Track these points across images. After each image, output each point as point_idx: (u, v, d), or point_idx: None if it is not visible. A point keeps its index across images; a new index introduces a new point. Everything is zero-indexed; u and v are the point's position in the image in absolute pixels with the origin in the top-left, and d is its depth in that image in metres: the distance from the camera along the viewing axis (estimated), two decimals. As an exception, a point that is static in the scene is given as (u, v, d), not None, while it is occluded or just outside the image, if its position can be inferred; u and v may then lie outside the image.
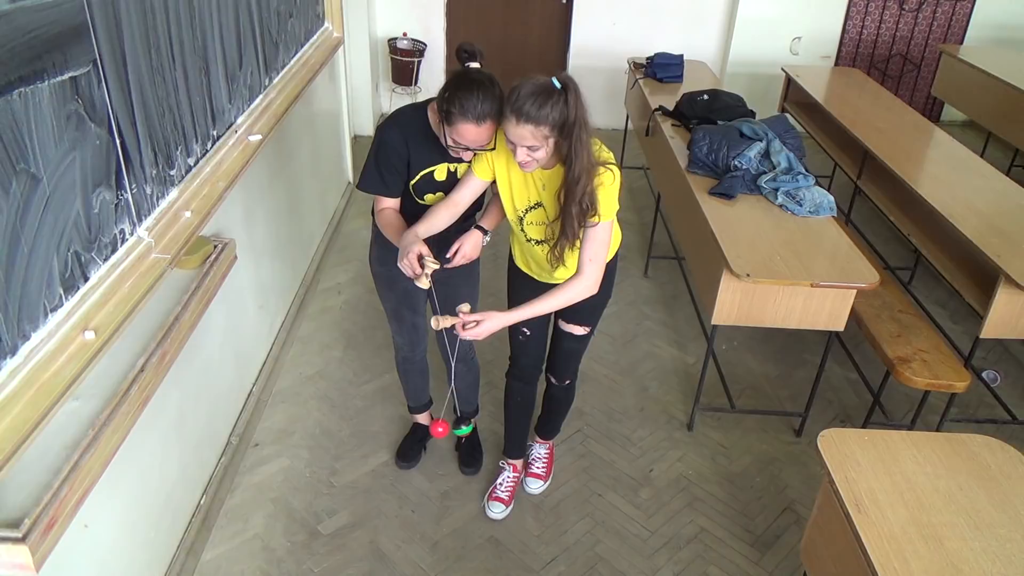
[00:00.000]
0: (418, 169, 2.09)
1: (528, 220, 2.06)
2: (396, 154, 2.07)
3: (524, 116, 1.75)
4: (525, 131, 1.77)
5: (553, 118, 1.76)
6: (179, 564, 2.26)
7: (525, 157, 1.83)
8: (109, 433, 1.62)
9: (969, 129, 5.93)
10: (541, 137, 1.79)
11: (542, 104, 1.74)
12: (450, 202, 2.08)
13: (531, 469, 2.70)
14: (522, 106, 1.75)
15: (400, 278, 2.30)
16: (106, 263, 1.65)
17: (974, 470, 1.75)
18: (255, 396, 2.92)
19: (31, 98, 1.37)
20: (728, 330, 3.50)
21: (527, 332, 2.38)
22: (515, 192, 2.04)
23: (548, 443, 2.74)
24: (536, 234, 2.09)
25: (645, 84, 4.38)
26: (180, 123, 2.01)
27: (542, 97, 1.75)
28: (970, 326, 3.62)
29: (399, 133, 2.07)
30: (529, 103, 1.74)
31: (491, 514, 2.59)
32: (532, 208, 2.04)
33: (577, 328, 2.31)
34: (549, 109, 1.75)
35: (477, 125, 1.85)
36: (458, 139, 1.90)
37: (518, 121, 1.76)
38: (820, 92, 4.46)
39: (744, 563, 2.46)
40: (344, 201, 4.52)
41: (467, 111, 1.84)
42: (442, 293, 2.36)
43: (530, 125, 1.76)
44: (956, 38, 5.79)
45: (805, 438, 2.97)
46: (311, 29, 3.53)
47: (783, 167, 3.02)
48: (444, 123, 1.91)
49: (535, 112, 1.75)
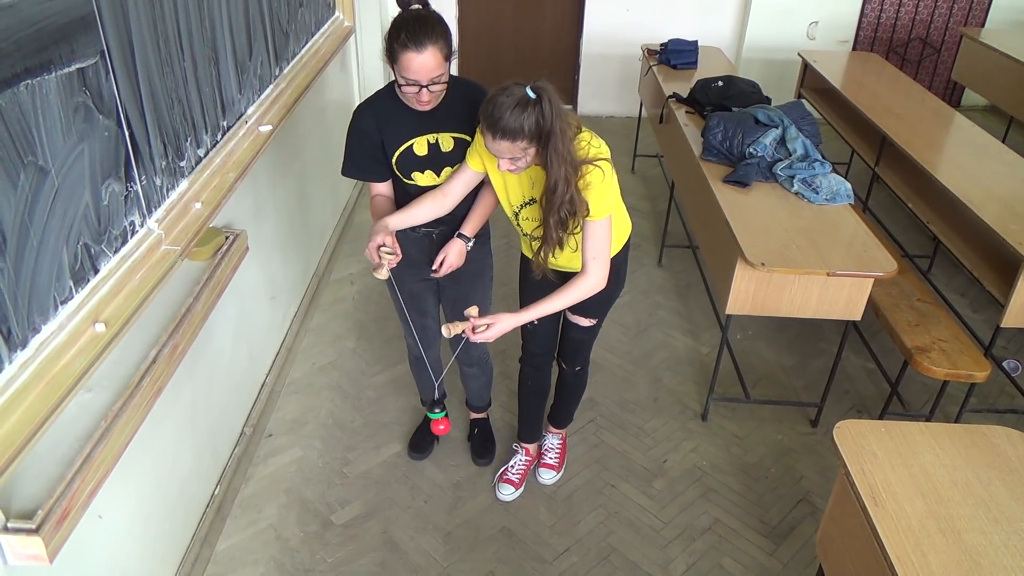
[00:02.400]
0: (394, 146, 2.05)
1: (523, 216, 2.07)
2: (366, 136, 2.05)
3: (500, 131, 1.74)
4: (503, 146, 1.77)
5: (529, 128, 1.74)
6: (193, 554, 2.27)
7: (509, 166, 1.84)
8: (121, 424, 1.62)
9: (990, 114, 5.82)
10: (519, 149, 1.78)
11: (516, 116, 1.73)
12: (439, 192, 2.07)
13: (544, 460, 2.69)
14: (497, 121, 1.74)
15: (406, 279, 2.30)
16: (116, 255, 1.65)
17: (994, 462, 1.72)
18: (268, 387, 2.93)
19: (38, 90, 1.36)
20: (743, 320, 3.47)
21: (535, 321, 2.35)
22: (509, 189, 2.04)
23: (561, 433, 2.73)
24: (532, 229, 2.07)
25: (659, 71, 4.33)
26: (189, 114, 2.01)
27: (517, 110, 1.73)
28: (990, 315, 3.56)
29: (368, 113, 2.05)
30: (505, 117, 1.73)
31: (501, 495, 2.59)
32: (526, 204, 2.04)
33: (584, 320, 2.32)
34: (524, 120, 1.73)
35: (418, 52, 1.81)
36: (405, 74, 1.85)
37: (494, 137, 1.76)
38: (837, 78, 4.39)
39: (758, 554, 2.44)
40: (356, 191, 4.51)
41: (405, 41, 1.81)
42: (453, 294, 2.36)
43: (506, 141, 1.76)
44: (977, 21, 5.68)
45: (821, 429, 2.94)
46: (322, 18, 3.52)
47: (799, 154, 2.97)
48: (392, 65, 1.88)
49: (512, 125, 1.73)
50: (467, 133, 2.07)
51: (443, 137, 2.05)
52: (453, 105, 2.01)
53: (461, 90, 2.02)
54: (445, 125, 2.04)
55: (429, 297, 2.39)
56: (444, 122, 2.03)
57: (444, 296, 2.40)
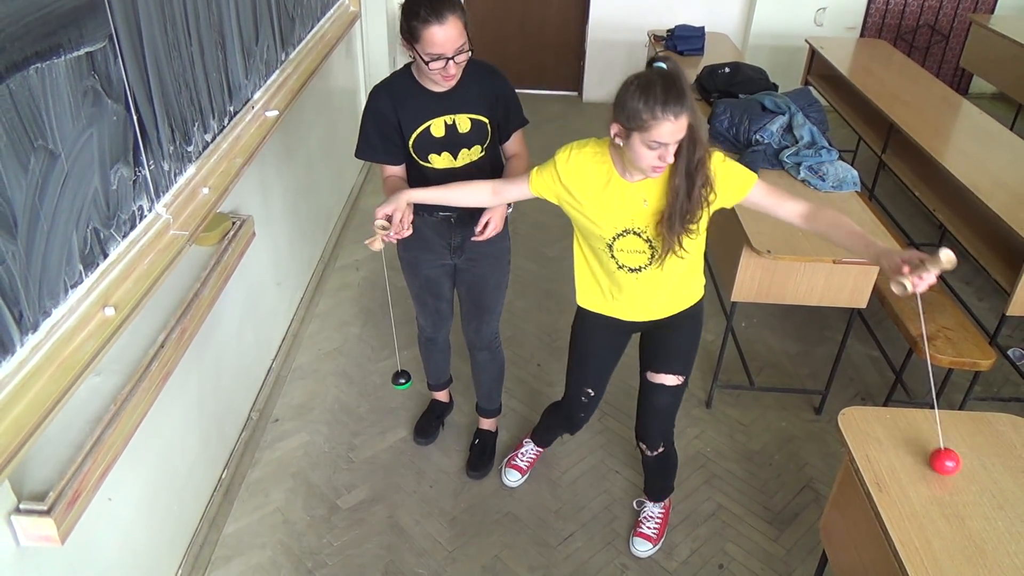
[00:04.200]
0: (411, 128, 2.04)
1: (619, 247, 1.88)
2: (383, 117, 2.04)
3: (681, 105, 1.59)
4: (681, 124, 1.61)
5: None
6: (202, 536, 2.29)
7: (668, 156, 1.66)
8: (131, 408, 1.63)
9: (999, 101, 5.78)
10: (686, 125, 1.64)
11: (683, 87, 1.60)
12: (491, 189, 1.98)
13: (640, 528, 2.40)
14: (681, 95, 1.58)
15: (423, 264, 2.29)
16: (125, 240, 1.66)
17: (998, 449, 1.72)
18: (275, 372, 2.95)
19: (48, 74, 1.36)
20: (748, 307, 3.47)
21: (591, 393, 2.20)
22: (603, 220, 1.85)
23: (663, 503, 2.45)
24: (631, 261, 1.89)
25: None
26: (197, 99, 2.01)
27: (676, 85, 1.59)
28: (996, 303, 3.55)
29: (385, 95, 2.04)
30: (687, 92, 1.58)
31: (506, 481, 2.60)
32: (626, 233, 1.85)
33: (671, 378, 2.08)
34: (687, 90, 1.60)
35: (440, 24, 1.81)
36: (430, 49, 1.84)
37: (677, 115, 1.59)
38: (845, 64, 4.36)
39: (762, 540, 2.46)
40: (362, 177, 4.51)
41: (425, 16, 1.80)
42: (469, 276, 2.34)
43: (685, 113, 1.61)
44: (986, 7, 5.63)
45: (825, 416, 2.95)
46: (328, 3, 3.50)
47: (806, 141, 2.96)
48: (413, 46, 1.87)
49: (687, 97, 1.59)
50: (484, 114, 2.06)
51: (460, 118, 2.05)
52: (469, 86, 2.01)
53: (475, 70, 2.01)
54: (462, 106, 2.03)
55: (445, 281, 2.37)
56: (461, 103, 2.03)
57: (460, 279, 2.37)
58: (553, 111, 5.59)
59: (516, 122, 2.15)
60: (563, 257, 3.85)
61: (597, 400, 2.25)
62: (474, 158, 2.11)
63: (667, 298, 2.00)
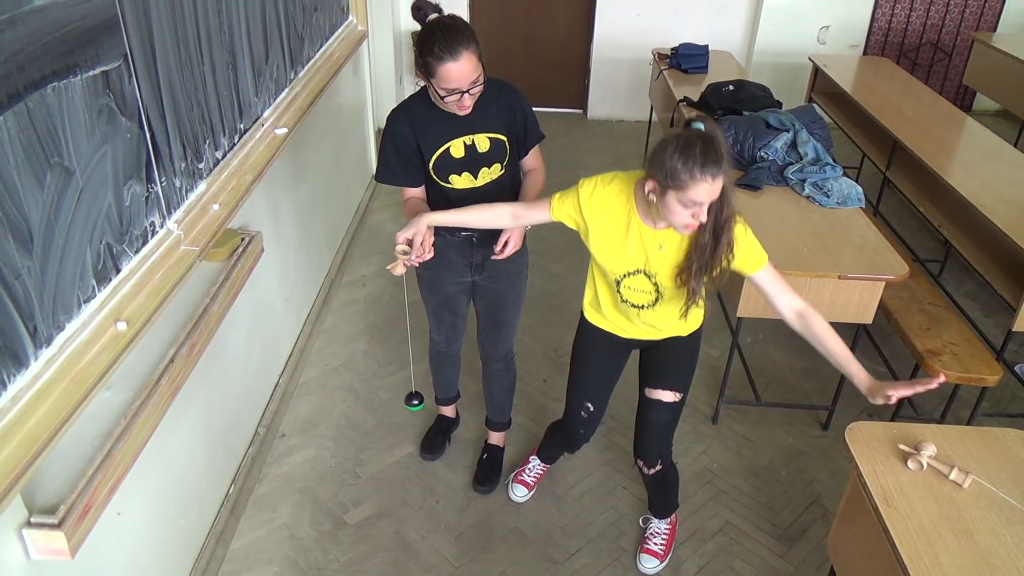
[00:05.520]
0: (431, 150, 2.06)
1: (626, 284, 1.93)
2: (403, 140, 2.06)
3: (720, 170, 1.62)
4: (717, 186, 1.64)
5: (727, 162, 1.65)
6: (208, 552, 2.29)
7: (702, 216, 1.68)
8: (141, 423, 1.65)
9: (1002, 118, 5.81)
10: (720, 188, 1.66)
11: (721, 153, 1.63)
12: (512, 213, 1.99)
13: (647, 545, 2.40)
14: (714, 164, 1.61)
15: (443, 283, 2.31)
16: (137, 255, 1.68)
17: (1007, 464, 1.72)
18: (281, 387, 2.96)
19: (64, 92, 1.39)
20: (753, 323, 3.47)
21: (591, 408, 2.22)
22: (615, 256, 1.89)
23: (668, 519, 2.45)
24: (636, 299, 1.95)
25: (670, 75, 4.35)
26: (208, 117, 2.04)
27: (715, 147, 1.62)
28: (1002, 319, 3.55)
29: (404, 118, 2.06)
30: (714, 157, 1.60)
31: (513, 496, 2.60)
32: (633, 274, 1.90)
33: (668, 394, 2.10)
34: (724, 155, 1.64)
35: (455, 61, 1.83)
36: (445, 84, 1.87)
37: (714, 179, 1.62)
38: (848, 82, 4.39)
39: (770, 557, 2.45)
40: (368, 194, 4.54)
41: (440, 53, 1.82)
42: (488, 293, 2.36)
43: (723, 175, 1.64)
44: (989, 25, 5.67)
45: (832, 432, 2.95)
46: (336, 23, 3.55)
47: (810, 158, 2.98)
48: (428, 79, 1.90)
49: (724, 161, 1.62)
50: (502, 132, 2.08)
51: (479, 138, 2.07)
52: (487, 105, 2.03)
53: (491, 89, 2.03)
54: (480, 125, 2.05)
55: (463, 298, 2.39)
56: (479, 122, 2.04)
57: (478, 295, 2.37)
58: (558, 129, 5.63)
59: (534, 138, 2.17)
60: (569, 273, 3.87)
61: (597, 418, 2.26)
62: (494, 176, 2.13)
63: (668, 328, 2.05)
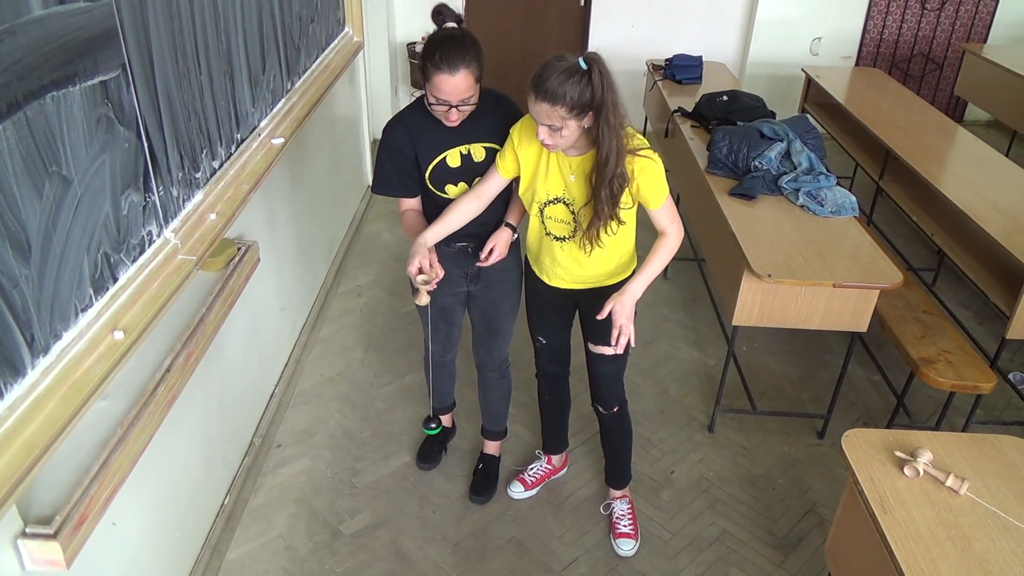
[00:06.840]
0: (428, 160, 2.08)
1: (548, 214, 2.05)
2: (400, 152, 2.08)
3: (542, 93, 1.76)
4: (542, 108, 1.78)
5: (572, 98, 1.76)
6: (204, 563, 2.28)
7: (545, 136, 1.84)
8: (137, 432, 1.64)
9: (993, 128, 5.86)
10: (558, 117, 1.78)
11: (562, 82, 1.75)
12: (472, 195, 2.08)
13: (619, 529, 2.51)
14: (542, 83, 1.76)
15: (440, 294, 2.30)
16: (134, 264, 1.68)
17: (1002, 471, 1.73)
18: (277, 397, 2.95)
19: (63, 102, 1.39)
20: (749, 331, 3.48)
21: (543, 341, 2.38)
22: (538, 182, 2.02)
23: (626, 496, 2.57)
24: (556, 230, 2.06)
25: (664, 86, 4.37)
26: (205, 126, 2.04)
27: (563, 75, 1.75)
28: (995, 327, 3.57)
29: (400, 129, 2.08)
30: (551, 79, 1.75)
31: (511, 493, 2.62)
32: (553, 202, 2.02)
33: (607, 348, 2.18)
34: (568, 88, 1.75)
35: (451, 75, 1.86)
36: (437, 94, 1.91)
37: (536, 98, 1.78)
38: (841, 92, 4.43)
39: (767, 565, 2.45)
40: (364, 204, 4.55)
41: (439, 62, 1.85)
42: (483, 302, 2.36)
43: (546, 103, 1.77)
44: (979, 36, 5.73)
45: (828, 440, 2.95)
46: (332, 34, 3.56)
47: (804, 167, 3.00)
48: (424, 83, 1.93)
49: (553, 89, 1.75)
50: (498, 143, 2.09)
51: (475, 148, 2.09)
52: (484, 116, 2.04)
53: (491, 102, 2.05)
54: (476, 136, 2.07)
55: (458, 308, 2.40)
56: (475, 133, 2.06)
57: (474, 304, 2.39)
58: (553, 139, 5.64)
59: None
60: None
61: (558, 351, 2.40)
62: None
63: (592, 271, 2.11)
